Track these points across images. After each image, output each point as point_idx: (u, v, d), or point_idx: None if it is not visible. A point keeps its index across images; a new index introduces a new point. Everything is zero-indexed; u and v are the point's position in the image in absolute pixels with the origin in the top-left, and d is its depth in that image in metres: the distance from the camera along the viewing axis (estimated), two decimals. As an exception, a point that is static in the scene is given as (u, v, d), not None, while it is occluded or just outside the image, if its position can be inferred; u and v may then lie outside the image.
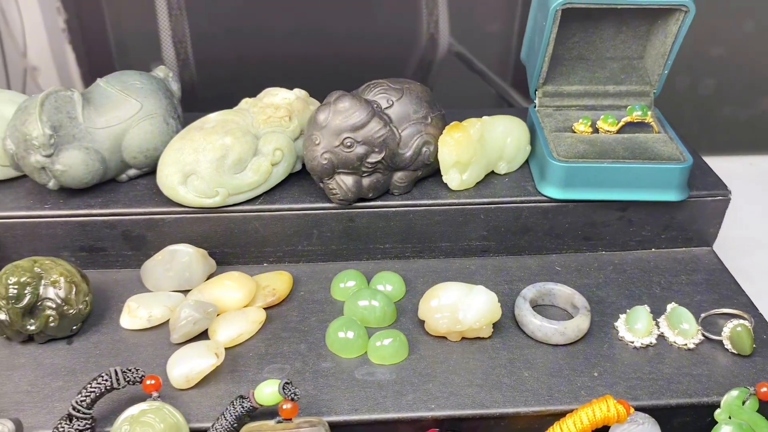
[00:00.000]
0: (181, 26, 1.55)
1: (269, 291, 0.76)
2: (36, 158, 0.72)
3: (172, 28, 1.55)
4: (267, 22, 1.53)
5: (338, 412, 0.64)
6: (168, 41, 1.55)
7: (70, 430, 0.58)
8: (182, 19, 1.56)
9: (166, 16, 1.53)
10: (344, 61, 1.64)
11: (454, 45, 1.75)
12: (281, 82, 0.85)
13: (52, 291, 0.68)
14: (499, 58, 1.94)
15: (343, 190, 0.75)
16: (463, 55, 1.70)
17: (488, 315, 0.70)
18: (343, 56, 1.66)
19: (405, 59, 1.72)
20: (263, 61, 1.52)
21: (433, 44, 1.71)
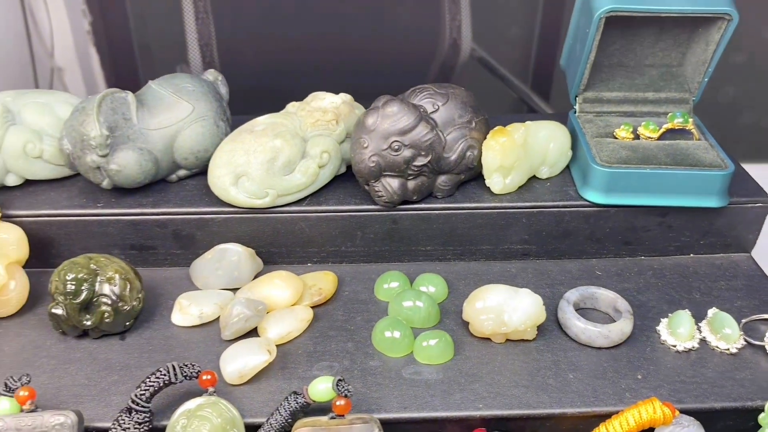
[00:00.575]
0: (207, 29, 1.57)
1: (316, 290, 0.77)
2: (92, 158, 0.74)
3: (198, 31, 1.57)
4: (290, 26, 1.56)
5: (388, 410, 0.65)
6: (194, 44, 1.58)
7: (130, 422, 0.60)
8: (208, 23, 1.58)
9: (192, 19, 1.55)
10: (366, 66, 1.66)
11: (476, 50, 1.76)
12: (303, 85, 0.87)
13: (107, 287, 0.70)
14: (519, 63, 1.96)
15: (389, 192, 0.77)
16: (485, 59, 1.72)
17: (534, 317, 0.71)
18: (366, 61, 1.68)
19: (427, 64, 1.74)
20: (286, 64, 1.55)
21: (455, 49, 1.73)
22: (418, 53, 1.72)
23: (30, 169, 0.79)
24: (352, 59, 1.65)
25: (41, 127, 0.79)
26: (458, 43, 1.76)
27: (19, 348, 0.71)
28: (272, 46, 1.65)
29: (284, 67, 1.57)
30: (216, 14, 1.55)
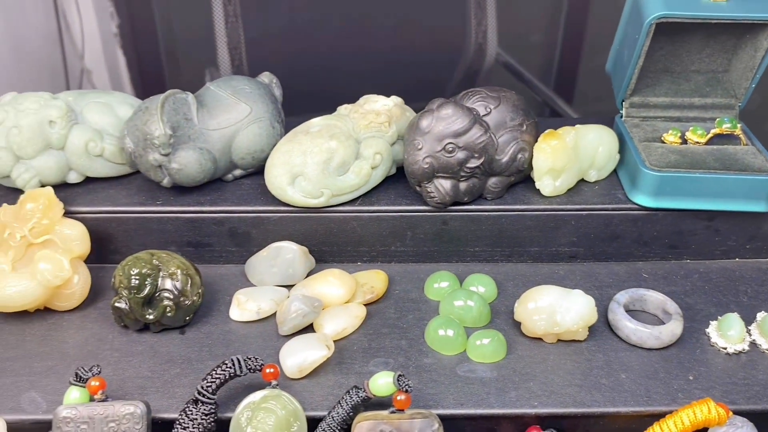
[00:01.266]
0: (236, 33, 1.60)
1: (368, 288, 0.79)
2: (154, 156, 0.76)
3: (228, 34, 1.60)
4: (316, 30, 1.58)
5: (445, 406, 0.66)
6: (223, 47, 1.60)
7: (197, 413, 0.62)
8: (237, 26, 1.61)
9: (222, 23, 1.58)
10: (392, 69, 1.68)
11: (502, 54, 1.77)
12: (330, 87, 0.88)
13: (169, 282, 0.72)
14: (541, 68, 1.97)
15: (441, 193, 0.78)
16: (510, 64, 1.73)
17: (586, 318, 0.72)
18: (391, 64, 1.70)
19: (452, 67, 1.75)
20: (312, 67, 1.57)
21: (480, 53, 1.74)
22: (443, 57, 1.74)
23: (91, 167, 0.81)
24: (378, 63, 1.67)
25: (102, 126, 0.81)
26: (484, 48, 1.78)
27: (83, 340, 0.73)
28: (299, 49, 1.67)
29: (311, 70, 1.59)
30: (245, 18, 1.58)
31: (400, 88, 0.87)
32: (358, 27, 1.62)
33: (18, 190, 0.81)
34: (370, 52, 1.68)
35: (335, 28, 1.62)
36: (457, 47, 1.73)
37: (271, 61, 1.58)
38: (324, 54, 1.65)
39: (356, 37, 1.62)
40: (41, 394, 0.67)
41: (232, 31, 1.59)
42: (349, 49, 1.63)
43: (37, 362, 0.71)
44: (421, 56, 1.72)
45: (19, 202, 0.76)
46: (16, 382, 0.68)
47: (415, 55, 1.71)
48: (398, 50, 1.66)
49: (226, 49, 1.60)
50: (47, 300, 0.74)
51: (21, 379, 0.69)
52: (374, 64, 1.70)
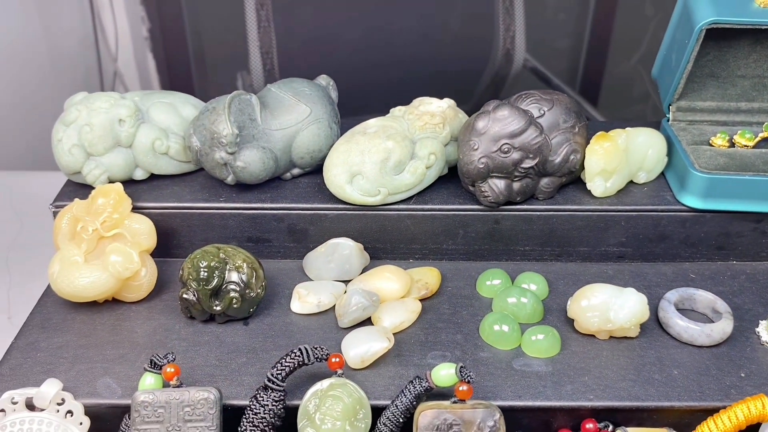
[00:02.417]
0: (268, 38, 1.63)
1: (422, 284, 0.81)
2: (220, 155, 0.79)
3: (260, 39, 1.63)
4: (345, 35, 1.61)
5: (503, 398, 0.69)
6: (256, 52, 1.63)
7: (268, 399, 0.65)
8: (269, 31, 1.64)
9: (255, 28, 1.61)
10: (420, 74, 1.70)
11: (530, 60, 1.79)
12: (360, 91, 0.90)
13: (235, 275, 0.75)
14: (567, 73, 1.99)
15: (495, 193, 0.80)
16: (537, 69, 1.75)
17: (638, 315, 0.74)
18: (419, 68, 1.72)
19: (479, 72, 1.77)
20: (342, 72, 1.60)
21: (508, 58, 1.76)
22: (471, 62, 1.76)
23: (156, 165, 0.84)
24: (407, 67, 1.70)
25: (167, 125, 0.84)
26: (512, 53, 1.80)
27: (151, 330, 0.76)
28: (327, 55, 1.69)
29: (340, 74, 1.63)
30: (276, 23, 1.61)
31: (427, 93, 0.89)
32: (386, 32, 1.65)
33: (87, 187, 0.84)
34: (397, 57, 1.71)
35: (363, 33, 1.65)
36: (485, 53, 1.75)
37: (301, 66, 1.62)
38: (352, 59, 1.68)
39: (383, 43, 1.65)
40: (115, 380, 0.70)
41: (264, 35, 1.63)
42: (376, 55, 1.66)
43: (108, 350, 0.74)
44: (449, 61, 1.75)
45: (90, 197, 0.79)
46: (90, 369, 0.71)
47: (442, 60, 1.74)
48: (425, 56, 1.69)
49: (258, 54, 1.64)
50: (116, 291, 0.77)
51: (95, 366, 0.72)
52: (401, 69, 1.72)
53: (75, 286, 0.75)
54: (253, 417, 0.64)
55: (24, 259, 1.31)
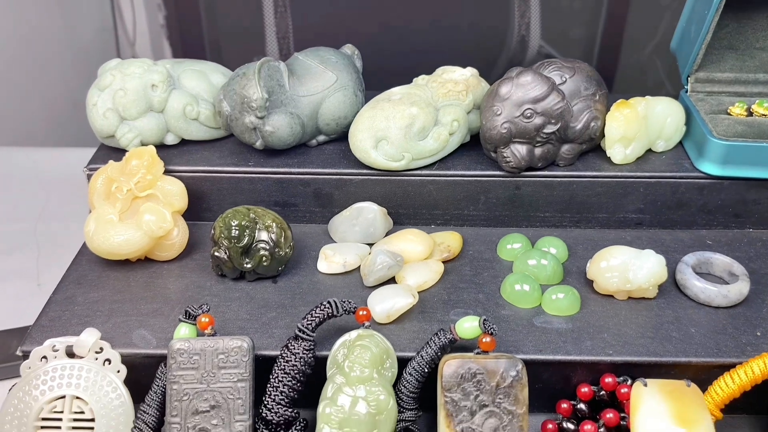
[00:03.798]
0: (284, 23, 1.65)
1: (444, 247, 0.83)
2: (250, 119, 0.81)
3: (276, 24, 1.65)
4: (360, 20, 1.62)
5: (525, 352, 0.71)
6: (272, 37, 1.65)
7: (299, 348, 0.67)
8: (286, 16, 1.66)
9: (272, 13, 1.63)
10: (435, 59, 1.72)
11: (544, 47, 1.80)
12: (375, 75, 0.92)
13: (265, 234, 0.77)
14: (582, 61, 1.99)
15: (517, 158, 0.82)
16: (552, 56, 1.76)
17: (657, 276, 0.75)
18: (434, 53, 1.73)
19: (494, 59, 1.78)
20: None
21: (522, 45, 1.77)
22: (485, 48, 1.78)
23: (187, 130, 0.87)
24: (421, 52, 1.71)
25: (198, 92, 0.87)
26: (526, 40, 1.81)
27: (183, 287, 0.79)
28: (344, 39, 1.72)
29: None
30: (293, 8, 1.63)
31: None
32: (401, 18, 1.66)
33: (119, 151, 0.87)
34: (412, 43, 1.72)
35: (378, 18, 1.66)
36: (500, 39, 1.77)
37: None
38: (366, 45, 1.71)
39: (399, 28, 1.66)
40: (150, 331, 0.73)
41: (280, 20, 1.65)
42: (391, 41, 1.68)
43: (143, 305, 0.76)
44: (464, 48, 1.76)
45: (124, 159, 0.82)
46: (126, 321, 0.74)
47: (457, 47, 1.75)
48: (440, 42, 1.70)
49: (275, 39, 1.66)
50: (149, 250, 0.80)
51: (130, 319, 0.75)
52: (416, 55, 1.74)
53: (110, 243, 0.78)
54: (284, 364, 0.67)
55: (51, 230, 1.34)
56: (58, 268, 0.86)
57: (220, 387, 0.65)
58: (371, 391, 0.65)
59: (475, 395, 0.66)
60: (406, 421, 0.68)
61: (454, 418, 0.65)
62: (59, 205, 1.41)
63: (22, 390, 0.67)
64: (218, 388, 0.65)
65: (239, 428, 0.65)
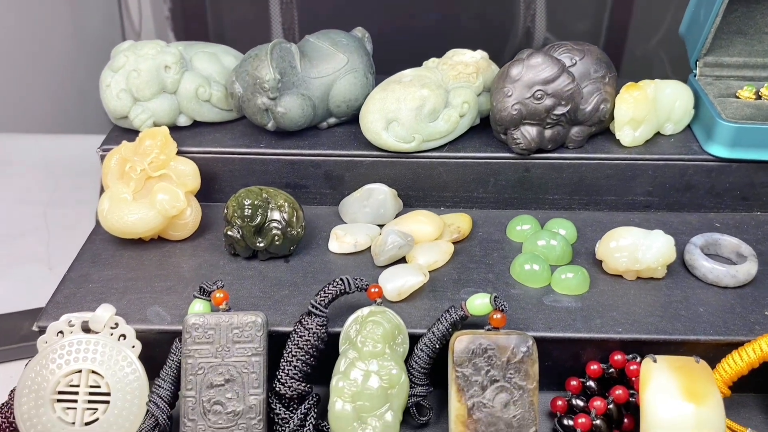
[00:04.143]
0: (290, 15, 1.66)
1: (454, 228, 0.84)
2: (262, 100, 0.82)
3: (282, 15, 1.65)
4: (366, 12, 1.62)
5: (534, 329, 0.72)
6: (278, 28, 1.66)
7: (312, 323, 0.68)
8: (292, 8, 1.66)
9: (278, 5, 1.63)
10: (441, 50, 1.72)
11: (550, 39, 1.81)
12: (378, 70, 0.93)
13: (277, 214, 0.78)
14: None
15: (527, 139, 0.83)
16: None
17: (666, 255, 0.76)
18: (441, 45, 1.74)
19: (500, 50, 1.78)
20: None
21: (528, 37, 1.78)
22: (491, 39, 1.78)
23: (199, 111, 0.87)
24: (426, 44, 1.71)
25: (209, 74, 0.88)
26: (532, 32, 1.81)
27: (196, 266, 0.80)
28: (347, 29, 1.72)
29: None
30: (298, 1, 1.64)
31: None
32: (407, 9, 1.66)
33: (131, 132, 0.87)
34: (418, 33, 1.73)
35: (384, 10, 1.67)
36: (505, 30, 1.77)
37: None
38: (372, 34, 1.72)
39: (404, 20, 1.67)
40: (164, 308, 0.74)
41: (286, 12, 1.65)
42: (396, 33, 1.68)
43: (156, 282, 0.77)
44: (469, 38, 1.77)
45: (138, 139, 0.83)
46: (140, 298, 0.75)
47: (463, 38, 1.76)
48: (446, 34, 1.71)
49: (280, 30, 1.66)
50: (162, 229, 0.81)
51: (144, 296, 0.75)
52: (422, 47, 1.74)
53: (124, 222, 0.78)
54: (298, 339, 0.68)
55: (60, 215, 1.35)
56: (69, 252, 0.87)
57: (235, 361, 0.66)
58: (383, 366, 0.66)
59: (486, 370, 0.66)
60: (417, 396, 0.69)
61: (465, 392, 0.66)
62: (68, 190, 1.43)
63: (39, 364, 0.68)
64: (233, 362, 0.66)
65: (253, 402, 0.65)
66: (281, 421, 0.67)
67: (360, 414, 0.65)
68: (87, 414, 0.67)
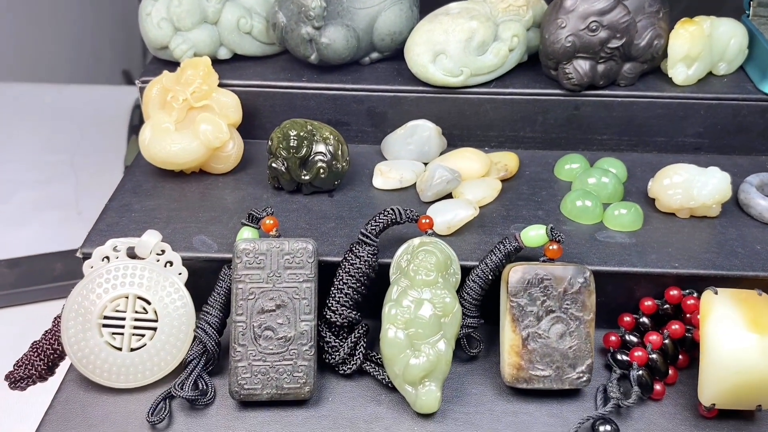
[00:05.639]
0: None
1: (501, 166, 0.82)
2: (306, 30, 0.80)
3: None
4: None
5: (590, 263, 0.70)
6: None
7: (363, 252, 0.66)
8: None
9: None
10: None
11: None
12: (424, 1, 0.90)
13: (323, 146, 0.76)
14: None
15: (579, 74, 0.81)
16: None
17: (722, 192, 0.74)
18: None
19: None
20: None
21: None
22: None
23: (240, 44, 0.85)
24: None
25: (251, 5, 0.85)
26: None
27: (240, 198, 0.78)
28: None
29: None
30: None
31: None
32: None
33: (171, 64, 0.85)
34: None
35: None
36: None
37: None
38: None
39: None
40: (210, 237, 0.73)
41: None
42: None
43: (201, 213, 0.76)
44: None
45: (179, 69, 0.81)
46: (185, 228, 0.74)
47: None
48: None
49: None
50: (204, 162, 0.79)
51: (189, 226, 0.74)
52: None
53: (167, 151, 0.77)
54: (349, 267, 0.66)
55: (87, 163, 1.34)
56: (96, 198, 0.86)
57: (286, 287, 0.65)
58: (437, 294, 0.64)
59: (541, 300, 0.65)
60: (469, 327, 0.68)
61: (520, 323, 0.65)
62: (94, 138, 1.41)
63: (86, 288, 0.67)
64: (284, 288, 0.65)
65: (305, 328, 0.64)
66: (331, 349, 0.66)
67: (413, 341, 0.63)
68: (134, 340, 0.67)
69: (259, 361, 0.64)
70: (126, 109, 1.43)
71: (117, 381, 0.66)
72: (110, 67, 1.72)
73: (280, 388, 0.64)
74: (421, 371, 0.63)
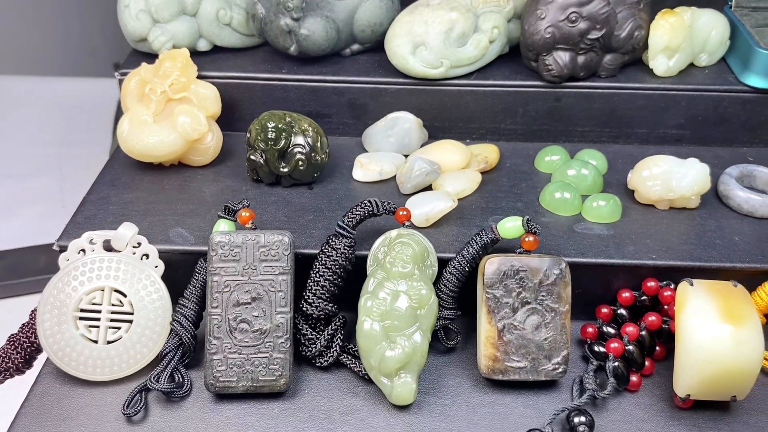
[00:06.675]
0: None
1: (481, 158, 0.82)
2: (285, 21, 0.79)
3: None
4: None
5: (567, 255, 0.70)
6: None
7: (340, 244, 0.66)
8: None
9: None
10: None
11: None
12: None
13: (301, 138, 0.76)
14: None
15: (559, 65, 0.80)
16: None
17: (701, 184, 0.74)
18: None
19: None
20: None
21: None
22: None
23: (219, 35, 0.85)
24: None
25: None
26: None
27: (218, 191, 0.78)
28: None
29: None
30: None
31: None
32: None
33: (150, 57, 0.85)
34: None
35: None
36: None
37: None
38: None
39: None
40: (187, 230, 0.72)
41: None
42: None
43: (178, 206, 0.76)
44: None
45: (158, 61, 0.80)
46: (162, 220, 0.74)
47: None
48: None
49: None
50: (183, 154, 0.79)
51: (166, 218, 0.74)
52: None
53: (144, 144, 0.77)
54: (326, 259, 0.66)
55: (72, 156, 1.34)
56: (81, 191, 0.85)
57: (262, 279, 0.65)
58: (413, 286, 0.64)
59: (517, 292, 0.65)
60: (445, 320, 0.68)
61: (496, 314, 0.65)
62: (80, 131, 1.41)
63: (61, 281, 0.66)
64: (259, 280, 0.64)
65: (280, 320, 0.64)
66: (308, 341, 0.66)
67: (389, 333, 0.63)
68: (110, 332, 0.66)
69: (235, 354, 0.64)
70: (113, 101, 1.42)
71: (93, 374, 0.66)
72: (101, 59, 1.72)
73: (255, 381, 0.64)
74: (397, 363, 0.63)
